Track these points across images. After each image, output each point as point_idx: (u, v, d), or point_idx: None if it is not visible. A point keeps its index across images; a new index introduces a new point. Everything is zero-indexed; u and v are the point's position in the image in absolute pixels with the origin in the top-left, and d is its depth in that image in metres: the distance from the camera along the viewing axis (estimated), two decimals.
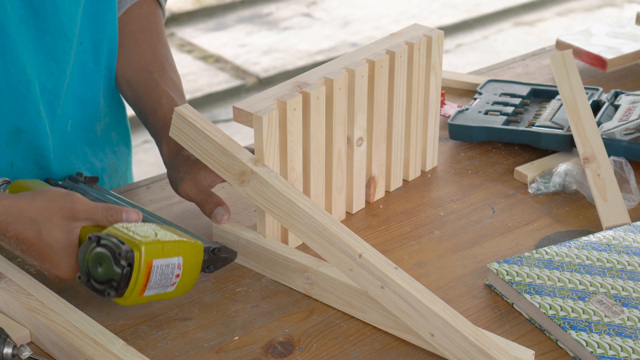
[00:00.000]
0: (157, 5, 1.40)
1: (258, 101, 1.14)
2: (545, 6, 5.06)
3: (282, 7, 5.00)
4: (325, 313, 1.11)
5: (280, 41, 4.57)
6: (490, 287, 1.16)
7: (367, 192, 1.31)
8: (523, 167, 1.38)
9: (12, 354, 1.00)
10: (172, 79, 1.33)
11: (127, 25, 1.36)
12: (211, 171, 1.20)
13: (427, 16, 4.87)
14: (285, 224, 1.11)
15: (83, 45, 1.30)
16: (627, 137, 1.38)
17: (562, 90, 1.40)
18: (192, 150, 1.16)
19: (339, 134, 1.22)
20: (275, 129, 1.13)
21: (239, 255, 1.18)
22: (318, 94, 1.17)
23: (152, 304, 1.12)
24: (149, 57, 1.34)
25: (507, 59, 1.79)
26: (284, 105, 1.13)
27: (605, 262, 1.15)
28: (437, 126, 1.39)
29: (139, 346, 1.06)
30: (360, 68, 1.21)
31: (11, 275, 1.10)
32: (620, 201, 1.27)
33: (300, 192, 1.11)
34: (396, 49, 1.26)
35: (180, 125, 1.15)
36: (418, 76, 1.32)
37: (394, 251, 1.22)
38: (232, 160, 1.13)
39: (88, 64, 1.31)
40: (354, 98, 1.22)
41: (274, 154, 1.14)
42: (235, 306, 1.12)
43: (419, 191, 1.35)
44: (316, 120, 1.18)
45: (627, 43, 1.72)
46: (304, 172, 1.20)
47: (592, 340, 1.04)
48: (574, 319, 1.07)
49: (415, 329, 1.02)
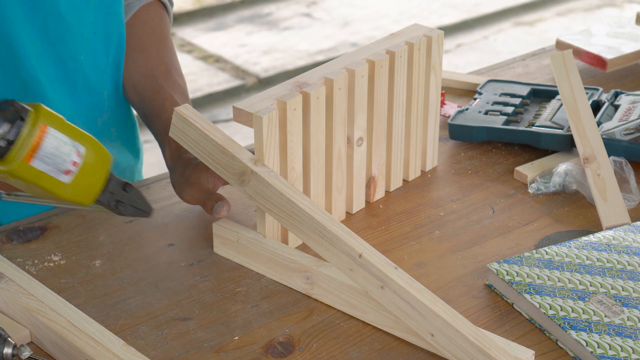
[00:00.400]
0: (164, 9, 1.42)
1: (258, 101, 1.14)
2: (545, 6, 5.06)
3: (282, 7, 5.00)
4: (325, 313, 1.11)
5: (280, 41, 4.57)
6: (490, 287, 1.16)
7: (367, 192, 1.31)
8: (523, 167, 1.38)
9: (12, 354, 1.00)
10: (177, 83, 1.35)
11: (134, 29, 1.38)
12: (213, 174, 1.21)
13: (427, 16, 4.87)
14: (285, 224, 1.11)
15: (97, 35, 1.33)
16: (627, 137, 1.38)
17: (562, 90, 1.40)
18: (192, 151, 1.16)
19: (339, 134, 1.22)
20: (275, 129, 1.13)
21: (239, 255, 1.18)
22: (318, 94, 1.17)
23: (152, 304, 1.12)
24: (155, 62, 1.36)
25: (507, 59, 1.79)
26: (284, 105, 1.13)
27: (605, 262, 1.15)
28: (437, 126, 1.39)
29: (139, 346, 1.06)
30: (360, 68, 1.21)
31: (11, 275, 1.10)
32: (620, 201, 1.27)
33: (300, 192, 1.11)
34: (396, 49, 1.26)
35: (180, 126, 1.15)
36: (418, 76, 1.32)
37: (394, 251, 1.22)
38: (232, 160, 1.13)
39: (99, 54, 1.34)
40: (354, 98, 1.22)
41: (274, 154, 1.14)
42: (235, 306, 1.12)
43: (419, 191, 1.35)
44: (316, 120, 1.18)
45: (627, 43, 1.72)
46: (304, 172, 1.20)
47: (592, 340, 1.04)
48: (574, 319, 1.07)
49: (415, 329, 1.02)
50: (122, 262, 1.20)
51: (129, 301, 1.13)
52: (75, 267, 1.19)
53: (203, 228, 1.26)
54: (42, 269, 1.18)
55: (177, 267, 1.19)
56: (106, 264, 1.19)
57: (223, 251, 1.21)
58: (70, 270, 1.18)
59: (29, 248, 1.22)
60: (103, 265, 1.19)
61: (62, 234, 1.25)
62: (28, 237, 1.24)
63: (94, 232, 1.25)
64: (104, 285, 1.16)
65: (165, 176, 1.37)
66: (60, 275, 1.17)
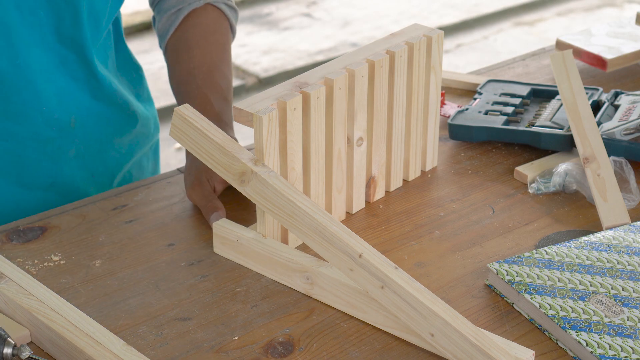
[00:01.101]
0: (222, 16, 1.45)
1: (258, 101, 1.14)
2: (545, 6, 5.06)
3: (282, 7, 5.00)
4: (325, 313, 1.11)
5: (280, 41, 4.57)
6: (490, 287, 1.16)
7: (367, 192, 1.31)
8: (523, 167, 1.38)
9: (12, 354, 1.00)
10: (217, 84, 1.37)
11: (184, 34, 1.42)
12: (214, 176, 1.24)
13: (427, 16, 4.87)
14: (285, 224, 1.11)
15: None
16: (627, 137, 1.38)
17: (562, 90, 1.40)
18: (192, 151, 1.16)
19: (339, 134, 1.22)
20: (275, 129, 1.13)
21: (239, 255, 1.18)
22: (318, 94, 1.17)
23: (152, 304, 1.12)
24: (198, 62, 1.39)
25: (507, 59, 1.79)
26: (284, 105, 1.13)
27: (605, 262, 1.15)
28: (437, 126, 1.39)
29: (139, 346, 1.06)
30: (360, 68, 1.21)
31: (11, 275, 1.10)
32: (620, 201, 1.27)
33: (300, 192, 1.11)
34: (396, 49, 1.26)
35: (180, 126, 1.15)
36: (418, 76, 1.32)
37: (394, 251, 1.22)
38: (232, 160, 1.13)
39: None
40: (354, 98, 1.22)
41: (274, 154, 1.14)
42: (235, 306, 1.12)
43: (419, 191, 1.35)
44: (316, 120, 1.18)
45: (627, 43, 1.72)
46: (304, 172, 1.20)
47: (592, 340, 1.04)
48: (573, 319, 1.07)
49: (415, 329, 1.02)
50: (122, 262, 1.20)
51: (129, 301, 1.13)
52: (75, 267, 1.19)
53: (203, 228, 1.26)
54: (42, 269, 1.18)
55: (177, 267, 1.19)
56: (106, 264, 1.19)
57: (223, 251, 1.21)
58: (70, 270, 1.18)
59: (29, 248, 1.22)
60: (103, 265, 1.19)
61: (62, 234, 1.25)
62: (28, 237, 1.25)
63: (94, 232, 1.25)
64: (104, 285, 1.16)
65: (165, 176, 1.38)
66: (60, 275, 1.17)
